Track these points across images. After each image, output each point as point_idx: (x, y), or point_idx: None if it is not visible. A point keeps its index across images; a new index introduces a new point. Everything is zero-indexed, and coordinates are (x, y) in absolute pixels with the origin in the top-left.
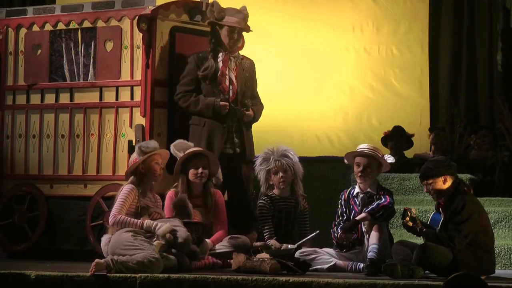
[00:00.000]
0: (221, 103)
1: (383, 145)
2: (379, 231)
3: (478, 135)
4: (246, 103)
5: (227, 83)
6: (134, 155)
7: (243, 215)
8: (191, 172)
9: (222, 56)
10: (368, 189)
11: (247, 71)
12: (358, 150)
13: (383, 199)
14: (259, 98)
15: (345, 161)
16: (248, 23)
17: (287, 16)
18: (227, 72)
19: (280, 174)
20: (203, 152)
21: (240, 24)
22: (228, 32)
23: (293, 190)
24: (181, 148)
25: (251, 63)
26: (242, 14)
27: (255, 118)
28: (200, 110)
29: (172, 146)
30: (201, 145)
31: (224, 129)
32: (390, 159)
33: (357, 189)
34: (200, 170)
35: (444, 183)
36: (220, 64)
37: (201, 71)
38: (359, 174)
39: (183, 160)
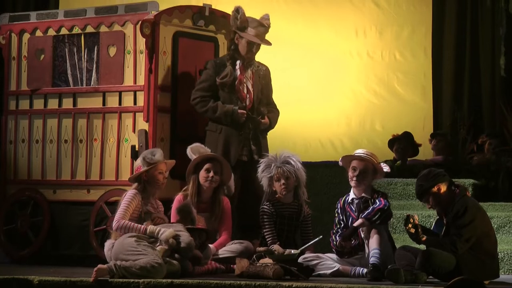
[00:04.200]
0: (239, 111)
1: (389, 147)
2: (378, 235)
3: (490, 141)
4: (262, 111)
5: (245, 91)
6: (138, 162)
7: (254, 221)
8: (202, 174)
9: (239, 64)
10: (363, 194)
11: (263, 78)
12: (355, 154)
13: (378, 202)
14: (275, 104)
15: (340, 163)
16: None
17: (289, 20)
18: (244, 80)
19: (282, 181)
20: (218, 158)
21: (260, 38)
22: (248, 44)
23: (297, 196)
24: (197, 151)
25: (267, 70)
26: (264, 28)
27: (271, 125)
28: (218, 116)
29: (188, 148)
30: (218, 151)
31: (241, 136)
32: (386, 168)
33: (351, 195)
34: (211, 173)
35: (439, 191)
36: (238, 72)
37: (220, 78)
38: (354, 178)
39: (197, 162)
